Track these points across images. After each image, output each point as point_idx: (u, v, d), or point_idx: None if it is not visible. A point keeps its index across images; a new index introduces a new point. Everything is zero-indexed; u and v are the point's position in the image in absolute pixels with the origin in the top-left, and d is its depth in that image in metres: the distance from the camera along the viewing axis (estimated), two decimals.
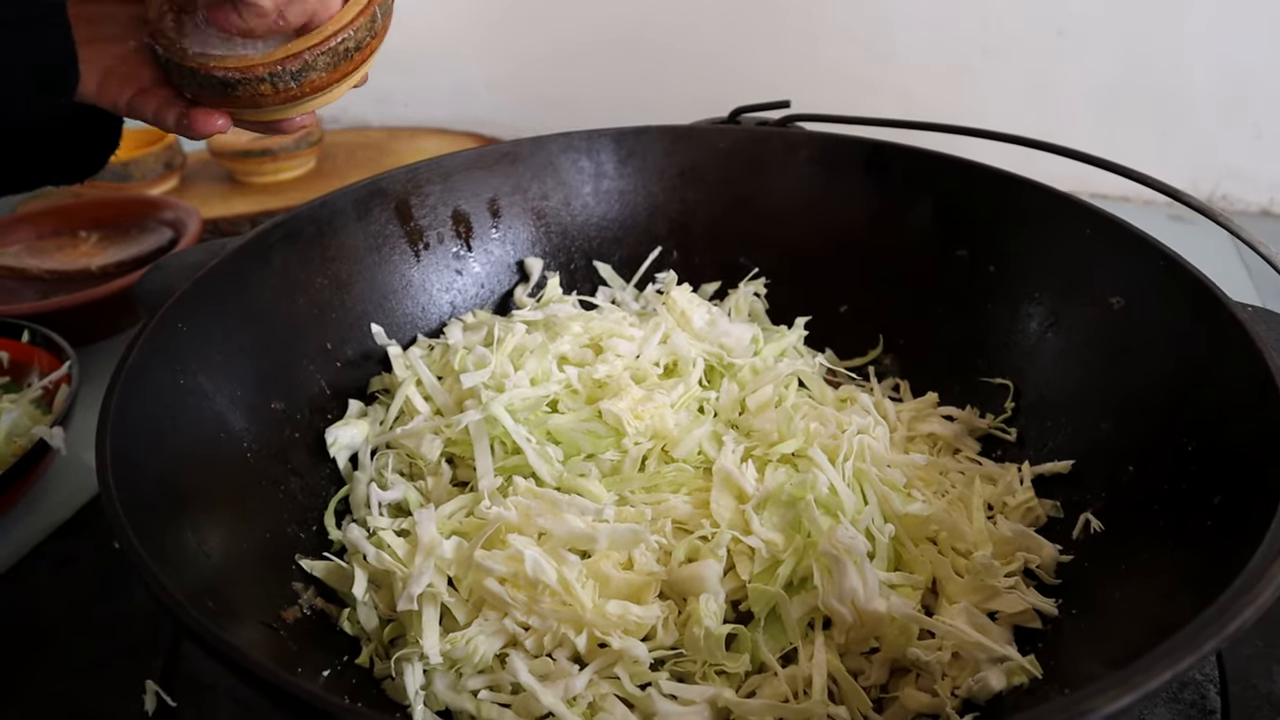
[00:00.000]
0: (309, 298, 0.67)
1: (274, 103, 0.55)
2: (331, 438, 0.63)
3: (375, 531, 0.56)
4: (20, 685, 0.59)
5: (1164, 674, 0.29)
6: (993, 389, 0.66)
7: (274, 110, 0.56)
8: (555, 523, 0.53)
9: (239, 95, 0.54)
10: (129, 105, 0.56)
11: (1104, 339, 0.60)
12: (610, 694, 0.48)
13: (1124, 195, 1.16)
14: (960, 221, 0.70)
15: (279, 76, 0.53)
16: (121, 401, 0.49)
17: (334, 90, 0.57)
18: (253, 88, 0.53)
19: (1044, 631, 0.51)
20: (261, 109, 0.56)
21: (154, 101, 0.56)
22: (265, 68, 0.53)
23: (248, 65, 0.53)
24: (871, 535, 0.54)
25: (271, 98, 0.54)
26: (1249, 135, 1.15)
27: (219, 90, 0.54)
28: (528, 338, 0.67)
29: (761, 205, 0.78)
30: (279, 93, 0.54)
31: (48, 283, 0.93)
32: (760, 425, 0.61)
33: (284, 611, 0.51)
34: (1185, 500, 0.48)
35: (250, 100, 0.54)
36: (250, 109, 0.56)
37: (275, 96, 0.54)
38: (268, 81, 0.53)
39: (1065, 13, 1.13)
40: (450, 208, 0.75)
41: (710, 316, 0.71)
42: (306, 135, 1.23)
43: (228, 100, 0.55)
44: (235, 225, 1.11)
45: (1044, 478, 0.60)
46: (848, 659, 0.50)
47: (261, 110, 0.56)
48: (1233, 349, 0.49)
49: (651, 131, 0.79)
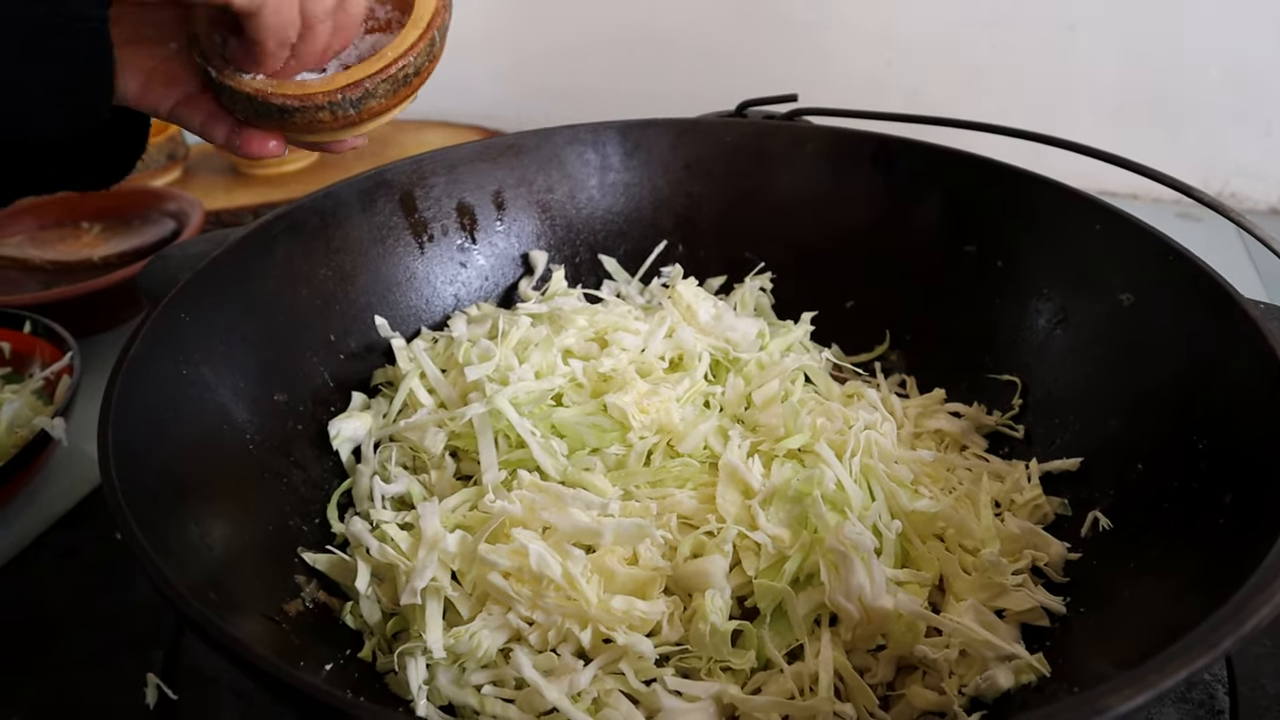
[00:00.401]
0: (312, 289, 0.66)
1: (331, 128, 0.54)
2: (334, 430, 0.63)
3: (378, 525, 0.56)
4: (22, 678, 0.58)
5: (1179, 673, 0.29)
6: (1000, 385, 0.66)
7: (329, 134, 0.56)
8: (560, 517, 0.53)
9: (295, 122, 0.53)
10: (172, 112, 0.54)
11: (1113, 335, 0.60)
12: (615, 690, 0.48)
13: (1132, 193, 1.15)
14: (968, 217, 0.70)
15: (338, 105, 0.53)
16: (124, 392, 0.48)
17: (391, 114, 0.56)
18: (310, 115, 0.53)
19: (1052, 630, 0.51)
20: (317, 134, 0.55)
21: (201, 113, 0.54)
22: (325, 96, 0.52)
23: (307, 94, 0.52)
24: (878, 532, 0.53)
25: (329, 124, 0.54)
26: (1259, 133, 1.14)
27: (275, 116, 0.53)
28: (532, 331, 0.67)
29: (767, 199, 0.77)
30: (337, 119, 0.53)
31: (50, 273, 0.93)
32: (766, 420, 0.61)
33: (286, 605, 0.51)
34: (1196, 498, 0.48)
35: (307, 127, 0.54)
36: (306, 133, 0.55)
37: (333, 123, 0.54)
38: (326, 109, 0.53)
39: (1076, 9, 1.13)
40: (455, 200, 0.74)
41: (716, 311, 0.70)
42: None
43: (283, 125, 0.54)
44: (238, 217, 1.10)
45: (1052, 475, 0.59)
46: (854, 656, 0.50)
47: (317, 134, 0.55)
48: (1244, 346, 0.49)
49: (657, 124, 0.78)
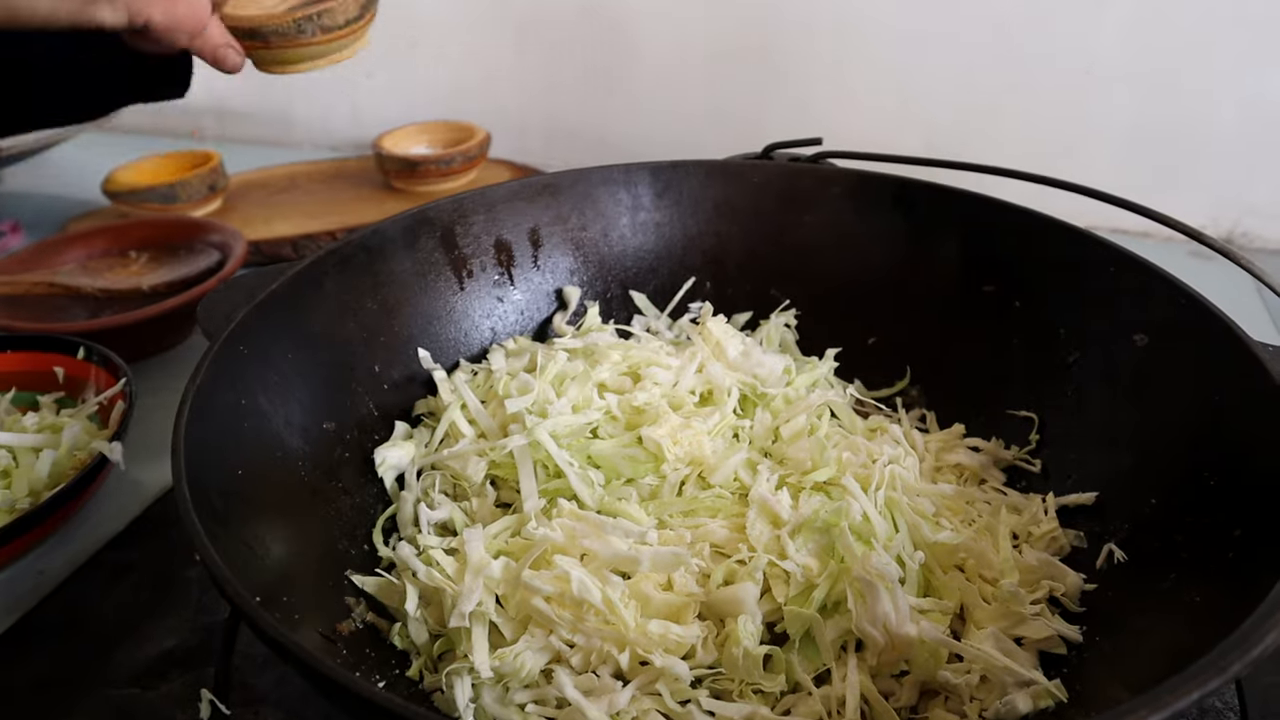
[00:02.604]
0: (359, 322, 0.69)
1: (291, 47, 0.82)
2: (380, 458, 0.66)
3: (425, 550, 0.59)
4: (79, 693, 0.61)
5: (1191, 694, 0.32)
6: (1018, 421, 0.68)
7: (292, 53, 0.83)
8: (599, 544, 0.55)
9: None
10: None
11: (1127, 375, 0.62)
12: (652, 710, 0.50)
13: (1145, 231, 1.17)
14: (987, 258, 0.73)
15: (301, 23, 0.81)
16: (191, 421, 0.51)
17: (337, 44, 0.84)
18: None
19: (1069, 657, 0.53)
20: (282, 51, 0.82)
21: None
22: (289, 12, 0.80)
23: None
24: (902, 562, 0.56)
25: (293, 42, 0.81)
26: (1271, 173, 1.17)
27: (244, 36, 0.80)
28: (569, 365, 0.70)
29: (793, 238, 0.80)
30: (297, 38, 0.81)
31: (99, 301, 0.97)
32: (794, 454, 0.64)
33: (339, 624, 0.54)
34: (1207, 533, 0.50)
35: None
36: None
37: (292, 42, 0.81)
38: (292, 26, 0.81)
39: (1092, 52, 1.16)
40: (493, 237, 0.78)
41: (744, 347, 0.73)
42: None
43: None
44: (276, 246, 1.14)
45: (1068, 508, 0.62)
46: (879, 680, 0.52)
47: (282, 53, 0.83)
48: (1253, 388, 0.51)
49: (687, 165, 0.81)
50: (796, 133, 0.87)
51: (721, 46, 1.30)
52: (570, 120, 1.45)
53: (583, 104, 1.43)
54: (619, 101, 1.40)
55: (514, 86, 1.45)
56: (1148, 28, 1.13)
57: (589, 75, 1.40)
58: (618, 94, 1.40)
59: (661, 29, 1.33)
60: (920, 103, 1.25)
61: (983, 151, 0.85)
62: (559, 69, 1.41)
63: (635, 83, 1.38)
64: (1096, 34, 1.15)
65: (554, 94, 1.44)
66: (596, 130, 1.44)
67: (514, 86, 1.45)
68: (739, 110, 1.34)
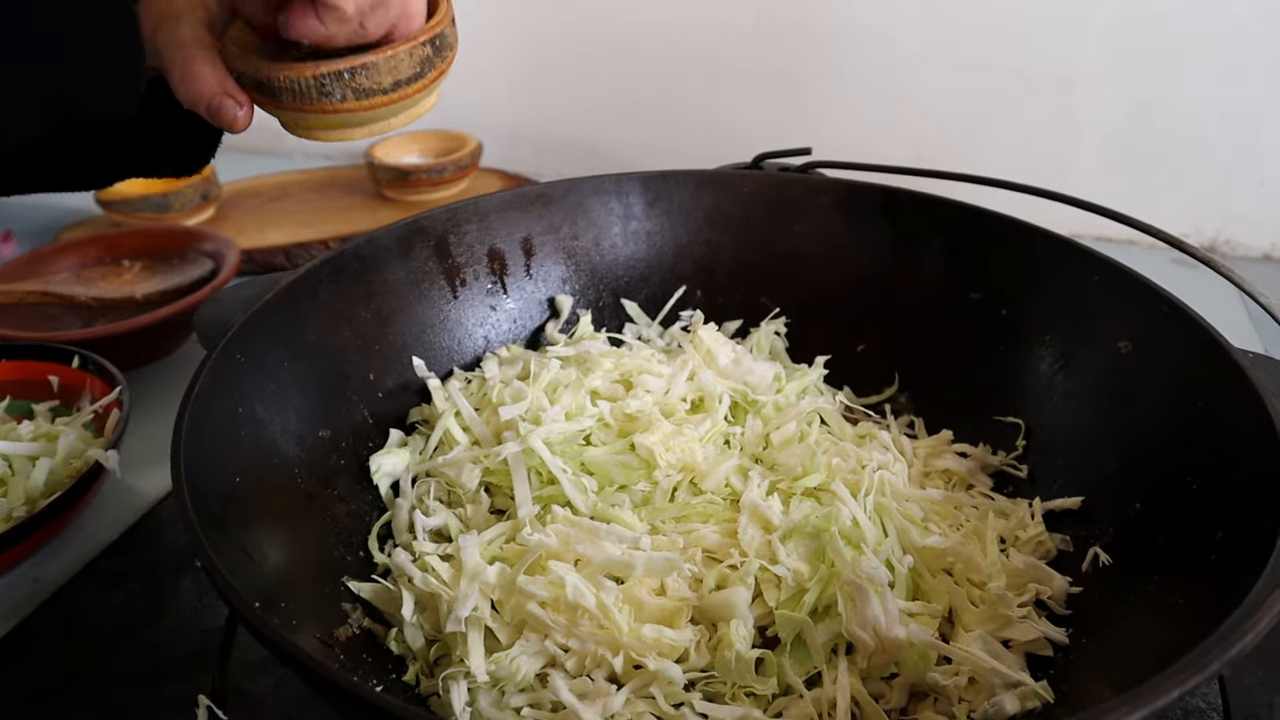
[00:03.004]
0: (353, 331, 0.70)
1: (340, 112, 0.56)
2: (375, 465, 0.66)
3: (421, 556, 0.59)
4: (76, 699, 0.61)
5: (1171, 692, 0.32)
6: (1005, 427, 0.69)
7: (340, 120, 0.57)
8: (593, 550, 0.56)
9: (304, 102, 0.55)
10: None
11: (1112, 381, 0.63)
12: (646, 713, 0.51)
13: (1130, 239, 1.19)
14: (973, 267, 0.74)
15: (357, 73, 0.55)
16: (190, 428, 0.52)
17: (407, 101, 0.58)
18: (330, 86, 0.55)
19: (1055, 659, 0.54)
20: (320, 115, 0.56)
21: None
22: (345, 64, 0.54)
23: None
24: (892, 566, 0.57)
25: (344, 106, 0.56)
26: (1253, 183, 1.19)
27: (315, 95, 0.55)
28: (562, 373, 0.71)
29: (783, 247, 0.81)
30: (352, 97, 0.55)
31: (92, 309, 0.97)
32: (784, 460, 0.65)
33: (336, 630, 0.54)
34: (1189, 536, 0.51)
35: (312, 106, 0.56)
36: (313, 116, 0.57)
37: (341, 107, 0.56)
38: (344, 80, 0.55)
39: (1076, 64, 1.17)
40: (486, 246, 0.78)
41: (735, 355, 0.74)
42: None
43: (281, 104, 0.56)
44: (269, 256, 1.14)
45: (1054, 513, 0.63)
46: (869, 683, 0.53)
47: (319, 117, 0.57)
48: (1233, 393, 0.52)
49: (678, 175, 0.82)
50: (786, 143, 0.88)
51: (712, 58, 1.32)
52: (562, 130, 1.46)
53: (574, 114, 1.44)
54: (610, 112, 1.41)
55: (505, 96, 1.46)
56: (1130, 41, 1.14)
57: (581, 86, 1.41)
58: (608, 104, 1.41)
59: (652, 41, 1.34)
60: (908, 114, 1.27)
61: (970, 161, 0.86)
62: (550, 80, 1.42)
63: (626, 93, 1.39)
64: (1081, 46, 1.16)
65: (545, 104, 1.45)
66: (588, 140, 1.45)
67: (505, 96, 1.46)
68: (729, 121, 1.35)
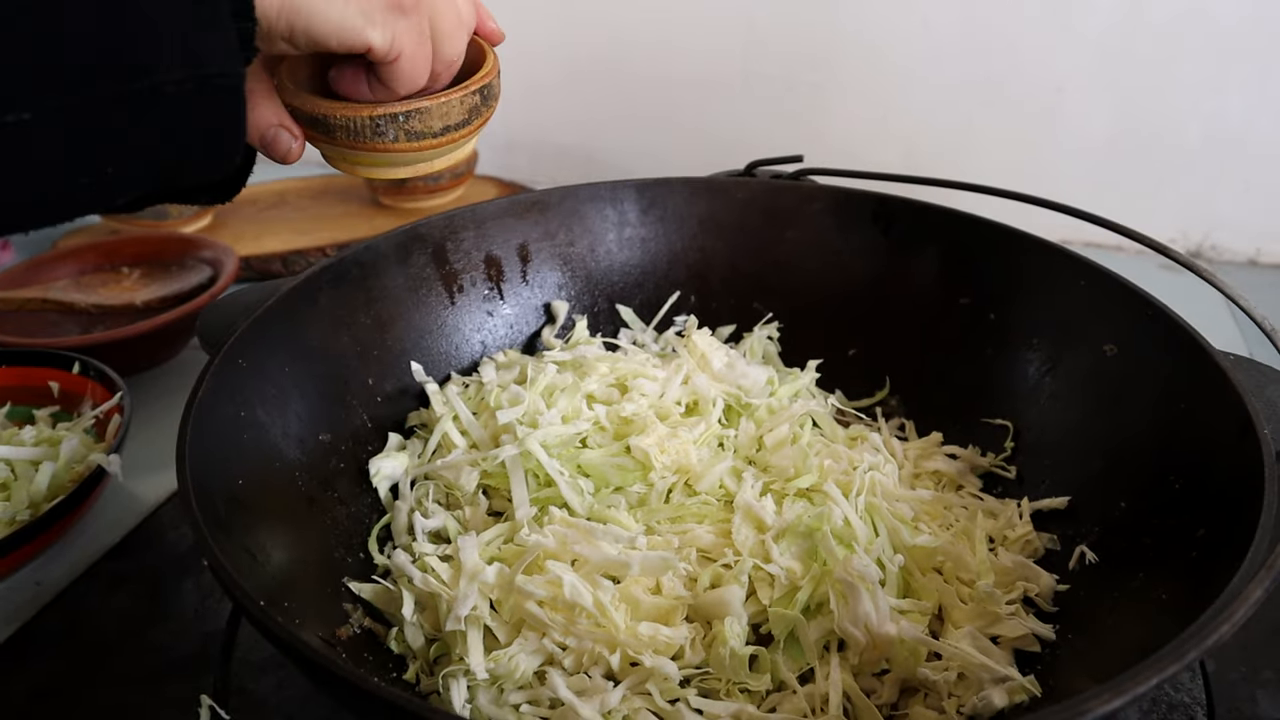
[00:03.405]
0: (353, 336, 0.71)
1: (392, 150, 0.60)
2: (374, 468, 0.67)
3: (420, 557, 0.60)
4: (78, 701, 0.62)
5: (1151, 679, 0.34)
6: (994, 429, 0.71)
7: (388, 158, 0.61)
8: (590, 550, 0.57)
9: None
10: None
11: (1098, 383, 0.64)
12: (642, 709, 0.52)
13: (1118, 245, 1.20)
14: (962, 272, 0.75)
15: (402, 119, 0.59)
16: (194, 433, 0.53)
17: (456, 143, 0.63)
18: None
19: (1043, 654, 0.55)
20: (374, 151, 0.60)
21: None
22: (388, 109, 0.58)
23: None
24: (883, 564, 0.58)
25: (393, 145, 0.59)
26: (1238, 189, 1.20)
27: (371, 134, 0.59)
28: (558, 377, 0.72)
29: (775, 253, 0.83)
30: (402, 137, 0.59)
31: (91, 316, 0.98)
32: (777, 461, 0.66)
33: (338, 630, 0.55)
34: (1172, 533, 0.53)
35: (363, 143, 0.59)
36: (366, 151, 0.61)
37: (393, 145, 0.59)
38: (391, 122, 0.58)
39: (1064, 72, 1.19)
40: (483, 252, 0.79)
41: (728, 359, 0.75)
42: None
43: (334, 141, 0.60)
44: (266, 263, 1.15)
45: (1042, 513, 0.64)
46: (861, 679, 0.54)
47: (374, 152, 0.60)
48: (1215, 395, 0.54)
49: (672, 183, 0.84)
50: (778, 150, 0.89)
51: (705, 66, 1.33)
52: (557, 138, 1.47)
53: (569, 122, 1.45)
54: (604, 120, 1.43)
55: (501, 104, 1.47)
56: (1118, 50, 1.16)
57: (575, 95, 1.42)
58: (603, 113, 1.42)
59: (646, 50, 1.35)
60: (898, 121, 1.28)
61: (959, 168, 0.87)
62: (545, 88, 1.43)
63: (620, 102, 1.40)
64: (1069, 55, 1.18)
65: (541, 112, 1.46)
66: (583, 148, 1.46)
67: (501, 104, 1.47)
68: (722, 128, 1.36)
